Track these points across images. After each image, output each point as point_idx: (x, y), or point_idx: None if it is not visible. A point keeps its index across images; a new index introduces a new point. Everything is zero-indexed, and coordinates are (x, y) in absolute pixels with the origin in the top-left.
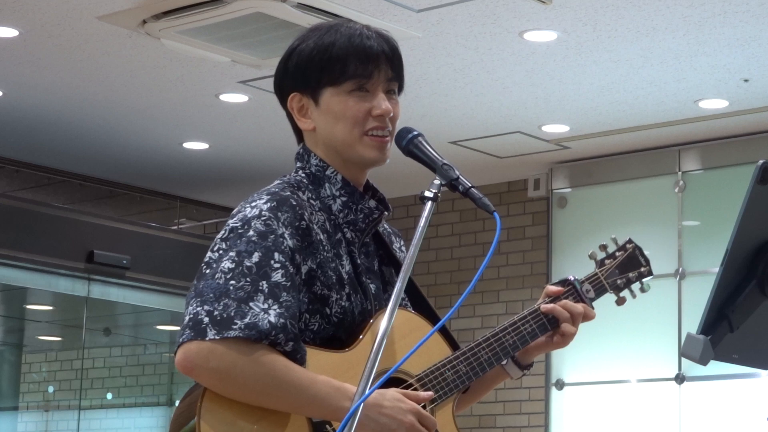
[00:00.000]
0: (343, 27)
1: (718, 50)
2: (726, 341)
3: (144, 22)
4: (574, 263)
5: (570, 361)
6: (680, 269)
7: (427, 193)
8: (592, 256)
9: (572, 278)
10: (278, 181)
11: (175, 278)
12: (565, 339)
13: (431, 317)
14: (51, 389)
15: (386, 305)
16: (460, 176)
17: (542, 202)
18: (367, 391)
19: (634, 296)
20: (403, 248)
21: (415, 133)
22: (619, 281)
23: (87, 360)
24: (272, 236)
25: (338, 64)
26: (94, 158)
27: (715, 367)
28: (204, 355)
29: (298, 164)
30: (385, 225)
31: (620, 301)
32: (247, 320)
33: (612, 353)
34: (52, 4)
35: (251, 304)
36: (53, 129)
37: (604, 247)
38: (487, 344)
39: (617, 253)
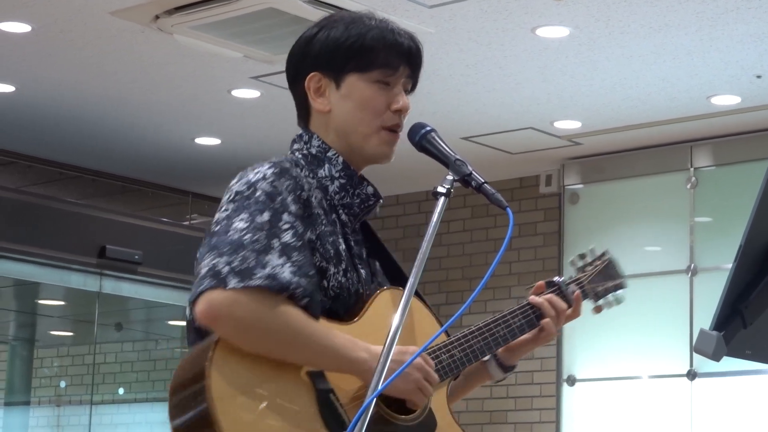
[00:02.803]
0: (374, 19)
1: (730, 46)
2: (739, 337)
3: (156, 17)
4: None
5: (582, 357)
6: (692, 265)
7: (440, 189)
8: (572, 263)
9: (558, 279)
10: (276, 159)
11: (187, 273)
12: (546, 336)
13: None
14: (63, 384)
15: (395, 288)
16: (473, 172)
17: (554, 198)
18: (379, 387)
19: (609, 306)
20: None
21: (428, 128)
22: (599, 289)
23: (99, 355)
24: (279, 198)
25: (370, 52)
26: (106, 154)
27: (727, 363)
28: (228, 304)
29: (296, 146)
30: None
31: (597, 309)
32: (267, 271)
33: (623, 349)
34: (64, 0)
35: (268, 257)
36: (65, 124)
37: (582, 256)
38: (479, 333)
39: (596, 262)
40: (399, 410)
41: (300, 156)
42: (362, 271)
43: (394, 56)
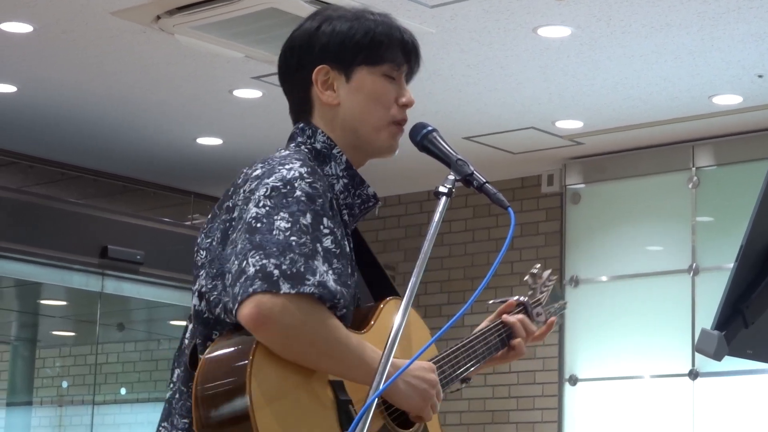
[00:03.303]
0: (375, 14)
1: (732, 46)
2: (740, 337)
3: (158, 17)
4: (588, 259)
5: (583, 356)
6: (694, 265)
7: (442, 189)
8: (528, 283)
9: (523, 299)
10: (287, 152)
11: (188, 273)
12: (516, 355)
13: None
14: (65, 384)
15: (370, 297)
16: (475, 172)
17: (556, 198)
18: (381, 387)
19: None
20: None
21: (430, 128)
22: (551, 309)
23: (101, 355)
24: (320, 200)
25: (379, 46)
26: (107, 154)
27: (729, 362)
28: (279, 310)
29: (299, 139)
30: None
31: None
32: (317, 278)
33: (625, 349)
34: (65, 0)
35: (315, 262)
36: (67, 124)
37: (534, 276)
38: (464, 350)
39: (548, 284)
40: (400, 424)
41: (306, 150)
42: (355, 274)
43: (400, 52)
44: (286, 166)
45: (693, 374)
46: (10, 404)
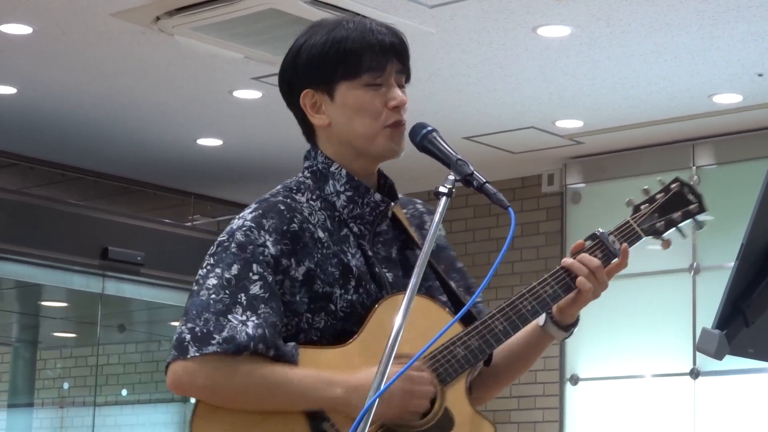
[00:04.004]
0: (351, 22)
1: (731, 45)
2: (741, 336)
3: (157, 18)
4: None
5: (584, 356)
6: (695, 264)
7: (442, 189)
8: (629, 203)
9: (599, 231)
10: (279, 186)
11: (189, 274)
12: (585, 295)
13: (454, 301)
14: (66, 386)
15: (399, 292)
16: (475, 172)
17: (556, 198)
18: (382, 386)
19: (684, 236)
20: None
21: (429, 128)
22: (658, 225)
23: (102, 356)
24: (251, 247)
25: (353, 57)
26: (107, 155)
27: (730, 361)
28: (189, 374)
29: (306, 163)
30: (418, 206)
31: (665, 245)
32: (224, 334)
33: (626, 348)
34: (65, 2)
35: (230, 316)
36: (67, 126)
37: (646, 191)
38: (502, 314)
39: (657, 196)
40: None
41: (309, 174)
42: (388, 275)
43: (379, 56)
44: (241, 215)
45: (694, 373)
46: (11, 406)
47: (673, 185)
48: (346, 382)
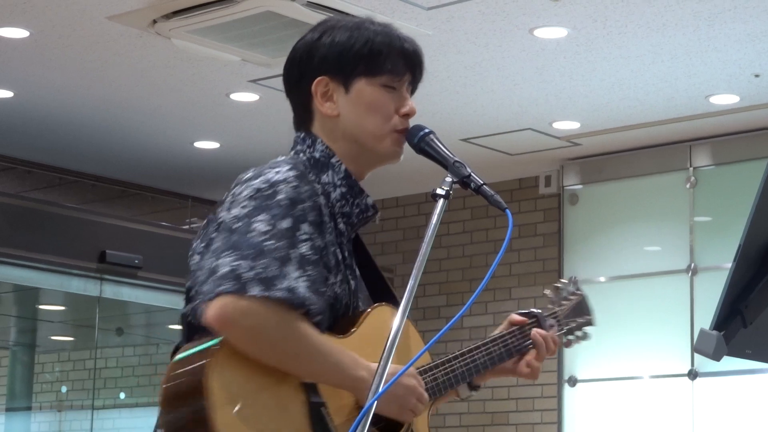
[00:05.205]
0: (377, 24)
1: (728, 46)
2: (739, 337)
3: (154, 21)
4: (586, 260)
5: (583, 357)
6: (692, 265)
7: (439, 191)
8: (548, 295)
9: (537, 311)
10: (282, 158)
11: (186, 278)
12: (534, 373)
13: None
14: (64, 389)
15: (371, 303)
16: (472, 173)
17: (553, 199)
18: (380, 390)
19: (577, 342)
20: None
21: (427, 130)
22: (571, 323)
23: (100, 360)
24: (301, 205)
25: (379, 56)
26: (105, 158)
27: (728, 362)
28: (243, 312)
29: (299, 147)
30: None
31: (567, 344)
32: (286, 284)
33: (624, 349)
34: (62, 5)
35: (286, 269)
36: (64, 129)
37: (557, 289)
38: (462, 358)
39: (571, 297)
40: (384, 428)
41: (304, 158)
42: (352, 282)
43: (401, 61)
44: (275, 169)
45: (692, 374)
46: (9, 409)
47: (578, 292)
48: (368, 367)
